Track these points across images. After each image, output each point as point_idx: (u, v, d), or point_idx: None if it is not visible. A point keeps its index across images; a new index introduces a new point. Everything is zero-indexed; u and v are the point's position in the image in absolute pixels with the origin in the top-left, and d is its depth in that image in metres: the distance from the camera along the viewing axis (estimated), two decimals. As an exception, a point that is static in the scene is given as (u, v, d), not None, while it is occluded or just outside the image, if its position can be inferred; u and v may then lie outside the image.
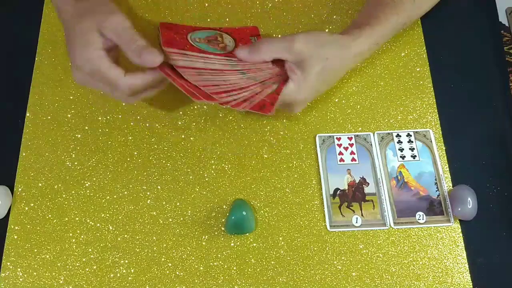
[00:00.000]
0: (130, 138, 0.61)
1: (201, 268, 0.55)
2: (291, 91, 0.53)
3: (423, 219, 0.57)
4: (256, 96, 0.52)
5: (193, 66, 0.51)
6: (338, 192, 0.59)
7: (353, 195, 0.59)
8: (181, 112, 0.63)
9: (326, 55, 0.53)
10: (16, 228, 0.57)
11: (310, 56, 0.52)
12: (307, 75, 0.53)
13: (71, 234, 0.56)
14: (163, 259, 0.55)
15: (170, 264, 0.55)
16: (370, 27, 0.57)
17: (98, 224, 0.57)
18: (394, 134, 0.62)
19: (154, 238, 0.56)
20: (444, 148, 0.61)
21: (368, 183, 0.59)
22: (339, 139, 0.62)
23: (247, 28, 0.63)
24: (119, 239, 0.56)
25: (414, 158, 0.60)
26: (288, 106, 0.56)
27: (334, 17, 0.68)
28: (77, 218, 0.57)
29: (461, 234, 0.57)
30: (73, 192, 0.58)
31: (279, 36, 0.55)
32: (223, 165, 0.60)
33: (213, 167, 0.60)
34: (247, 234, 0.56)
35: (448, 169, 0.60)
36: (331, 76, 0.56)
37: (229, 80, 0.52)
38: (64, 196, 0.58)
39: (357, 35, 0.56)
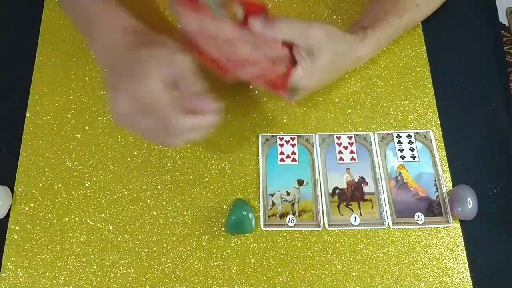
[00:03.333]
0: (130, 138, 0.61)
1: (201, 268, 0.55)
2: (298, 76, 0.53)
3: (421, 219, 0.57)
4: (267, 73, 0.52)
5: (207, 31, 0.50)
6: (337, 191, 0.59)
7: (352, 194, 0.59)
8: (181, 112, 0.63)
9: (336, 49, 0.53)
10: (16, 228, 0.57)
11: (322, 47, 0.52)
12: (316, 64, 0.52)
13: (71, 234, 0.56)
14: (163, 259, 0.55)
15: (170, 264, 0.55)
16: (373, 31, 0.57)
17: (98, 224, 0.57)
18: (395, 135, 0.62)
19: (154, 238, 0.56)
20: (444, 148, 0.61)
21: (367, 183, 0.59)
22: (339, 138, 0.62)
23: (255, 3, 0.59)
24: (119, 239, 0.56)
25: (414, 159, 0.60)
26: (293, 91, 0.55)
27: (334, 17, 0.69)
28: (77, 218, 0.57)
29: (461, 234, 0.57)
30: (73, 192, 0.58)
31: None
32: (223, 165, 0.60)
33: (213, 167, 0.60)
34: (247, 234, 0.56)
35: (448, 169, 0.60)
36: (335, 72, 0.57)
37: (240, 52, 0.51)
38: (64, 196, 0.58)
39: (362, 37, 0.56)
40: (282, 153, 0.61)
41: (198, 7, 0.49)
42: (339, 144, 0.61)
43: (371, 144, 0.61)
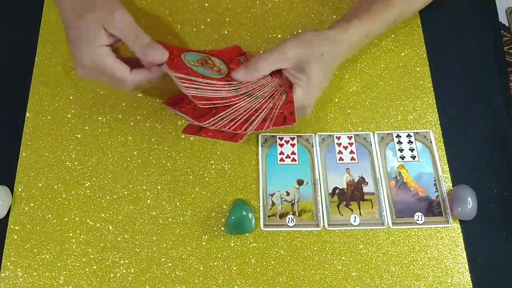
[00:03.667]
0: (130, 138, 0.61)
1: (201, 268, 0.55)
2: (300, 96, 0.54)
3: (421, 219, 0.57)
4: (272, 111, 0.53)
5: (204, 96, 0.51)
6: (336, 191, 0.59)
7: (352, 194, 0.59)
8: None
9: (320, 51, 0.54)
10: (16, 228, 0.57)
11: (306, 58, 0.53)
12: (310, 76, 0.53)
13: (71, 234, 0.56)
14: (163, 259, 0.55)
15: (170, 264, 0.55)
16: (359, 20, 0.57)
17: (98, 224, 0.57)
18: (394, 135, 0.62)
19: (154, 238, 0.56)
20: (444, 148, 0.61)
21: (367, 183, 0.59)
22: (338, 138, 0.62)
23: (229, 48, 0.63)
24: (119, 239, 0.56)
25: (414, 159, 0.60)
26: (300, 110, 0.56)
27: (334, 17, 0.69)
28: (77, 218, 0.57)
29: (461, 234, 0.57)
30: (73, 192, 0.58)
31: (271, 47, 0.55)
32: (223, 165, 0.60)
33: (213, 167, 0.60)
34: (247, 234, 0.56)
35: (448, 169, 0.60)
36: (330, 70, 0.57)
37: (240, 106, 0.52)
38: (64, 196, 0.58)
39: (345, 28, 0.57)
40: (282, 153, 0.61)
41: (189, 73, 0.52)
42: (339, 144, 0.61)
43: (371, 144, 0.61)
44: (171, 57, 0.53)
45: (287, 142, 0.62)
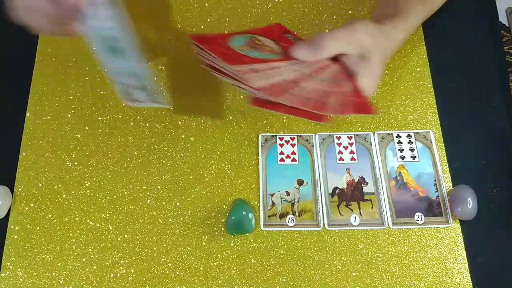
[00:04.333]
0: (130, 138, 0.61)
1: (201, 268, 0.55)
2: (364, 84, 0.50)
3: (421, 219, 0.57)
4: (346, 97, 0.49)
5: (273, 83, 0.47)
6: (336, 191, 0.59)
7: (352, 194, 0.59)
8: (181, 112, 0.63)
9: (381, 43, 0.51)
10: (16, 228, 0.57)
11: (372, 46, 0.49)
12: (373, 65, 0.50)
13: (71, 234, 0.56)
14: (163, 259, 0.55)
15: (170, 264, 0.55)
16: (400, 18, 0.55)
17: (98, 224, 0.57)
18: (394, 135, 0.62)
19: (154, 238, 0.56)
20: (444, 148, 0.61)
21: (367, 183, 0.59)
22: (338, 138, 0.62)
23: (272, 26, 0.58)
24: (119, 239, 0.56)
25: (414, 159, 0.60)
26: None
27: (334, 17, 0.69)
28: (77, 218, 0.57)
29: (461, 234, 0.57)
30: (73, 192, 0.58)
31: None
32: (223, 165, 0.60)
33: (213, 167, 0.60)
34: (247, 234, 0.56)
35: (448, 169, 0.60)
36: (384, 63, 0.54)
37: (310, 87, 0.48)
38: (64, 196, 0.58)
39: (395, 24, 0.54)
40: (282, 153, 0.61)
41: (246, 61, 0.47)
42: (339, 144, 0.61)
43: (371, 144, 0.61)
44: (220, 48, 0.48)
45: (287, 142, 0.62)
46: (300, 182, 0.59)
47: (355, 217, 0.57)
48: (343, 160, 0.60)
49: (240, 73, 0.46)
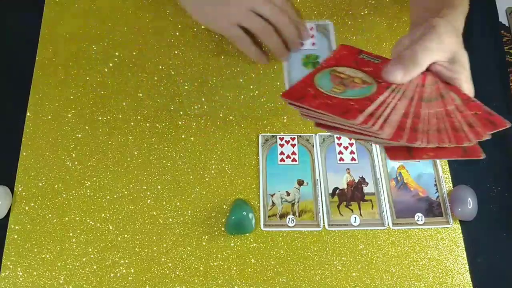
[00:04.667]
0: (130, 138, 0.61)
1: (201, 268, 0.55)
2: (466, 89, 0.46)
3: (421, 220, 0.57)
4: (465, 114, 0.44)
5: (396, 126, 0.41)
6: (337, 191, 0.59)
7: (352, 195, 0.59)
8: (181, 112, 0.63)
9: (459, 39, 0.47)
10: (16, 228, 0.57)
11: (457, 46, 0.46)
12: (465, 67, 0.46)
13: (71, 234, 0.56)
14: (163, 259, 0.55)
15: (170, 264, 0.55)
16: (451, 8, 0.51)
17: (98, 224, 0.57)
18: (394, 134, 0.62)
19: (154, 238, 0.56)
20: (444, 148, 0.61)
21: (367, 183, 0.59)
22: (339, 138, 0.62)
23: (340, 50, 0.52)
24: (119, 239, 0.56)
25: (414, 159, 0.60)
26: None
27: (335, 18, 0.68)
28: (77, 218, 0.57)
29: (461, 235, 0.57)
30: (73, 192, 0.58)
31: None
32: (223, 165, 0.60)
33: (213, 167, 0.60)
34: (247, 234, 0.56)
35: (448, 169, 0.60)
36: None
37: (429, 117, 0.43)
38: (64, 196, 0.58)
39: (452, 17, 0.49)
40: (282, 153, 0.61)
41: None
42: (339, 145, 0.61)
43: (371, 144, 0.61)
44: (319, 99, 0.44)
45: (287, 142, 0.62)
46: (300, 182, 0.59)
47: (355, 217, 0.57)
48: (343, 160, 0.60)
49: (363, 125, 0.41)
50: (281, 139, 0.62)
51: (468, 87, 0.47)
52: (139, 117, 0.62)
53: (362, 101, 0.43)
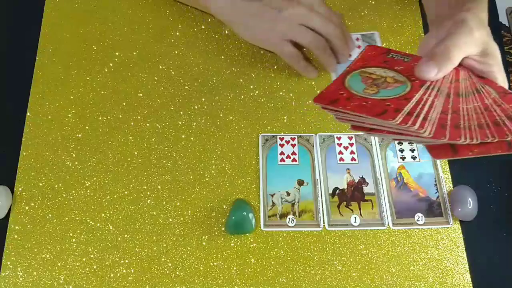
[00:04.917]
0: (130, 138, 0.61)
1: (201, 268, 0.55)
2: (501, 81, 0.45)
3: (422, 220, 0.57)
4: (504, 108, 0.43)
5: (435, 123, 0.41)
6: (337, 191, 0.59)
7: (352, 195, 0.59)
8: (181, 112, 0.63)
9: (488, 30, 0.46)
10: (16, 227, 0.57)
11: (488, 38, 0.45)
12: (498, 59, 0.45)
13: (71, 234, 0.56)
14: (163, 259, 0.55)
15: (170, 264, 0.55)
16: (475, 4, 0.49)
17: (98, 224, 0.57)
18: (394, 135, 0.62)
19: (154, 238, 0.56)
20: (444, 148, 0.61)
21: (368, 183, 0.59)
22: (339, 138, 0.62)
23: (368, 51, 0.51)
24: (119, 239, 0.56)
25: (414, 159, 0.60)
26: None
27: (335, 17, 0.68)
28: (77, 218, 0.57)
29: (461, 235, 0.57)
30: (73, 192, 0.58)
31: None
32: (223, 165, 0.60)
33: (213, 167, 0.60)
34: (247, 234, 0.56)
35: (448, 169, 0.60)
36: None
37: (469, 113, 0.42)
38: (64, 196, 0.58)
39: (478, 8, 0.48)
40: (282, 153, 0.61)
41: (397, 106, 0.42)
42: (340, 145, 0.61)
43: (371, 144, 0.61)
44: (353, 101, 0.43)
45: (287, 142, 0.62)
46: (301, 183, 0.59)
47: (355, 217, 0.57)
48: (343, 160, 0.60)
49: (402, 125, 0.40)
50: (281, 139, 0.62)
51: (502, 79, 0.46)
52: (139, 117, 0.62)
53: (398, 101, 0.42)
